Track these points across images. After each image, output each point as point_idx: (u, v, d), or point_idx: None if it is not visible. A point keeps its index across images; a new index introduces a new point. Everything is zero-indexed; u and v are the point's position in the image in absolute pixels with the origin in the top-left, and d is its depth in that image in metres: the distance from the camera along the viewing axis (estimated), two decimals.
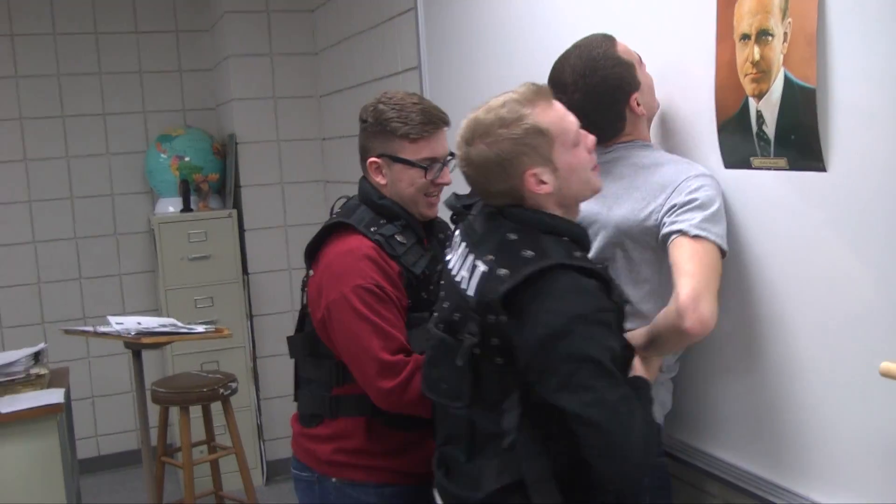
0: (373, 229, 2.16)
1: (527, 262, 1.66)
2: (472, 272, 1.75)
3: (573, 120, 1.79)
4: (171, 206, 5.10)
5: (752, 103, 1.85)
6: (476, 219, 1.86)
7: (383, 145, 2.19)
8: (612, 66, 2.01)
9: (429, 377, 1.91)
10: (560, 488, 1.68)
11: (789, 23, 1.74)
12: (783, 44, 1.76)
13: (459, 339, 1.76)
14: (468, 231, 1.86)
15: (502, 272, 1.67)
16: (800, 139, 1.75)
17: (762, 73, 1.82)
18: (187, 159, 5.05)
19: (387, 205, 2.20)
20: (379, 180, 2.21)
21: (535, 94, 1.76)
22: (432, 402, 1.95)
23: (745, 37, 1.85)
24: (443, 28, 3.34)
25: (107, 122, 5.29)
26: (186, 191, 4.97)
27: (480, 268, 1.73)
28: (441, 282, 1.94)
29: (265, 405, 5.13)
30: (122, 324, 3.34)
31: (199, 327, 3.57)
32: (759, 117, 1.84)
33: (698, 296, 1.76)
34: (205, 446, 4.27)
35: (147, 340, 3.27)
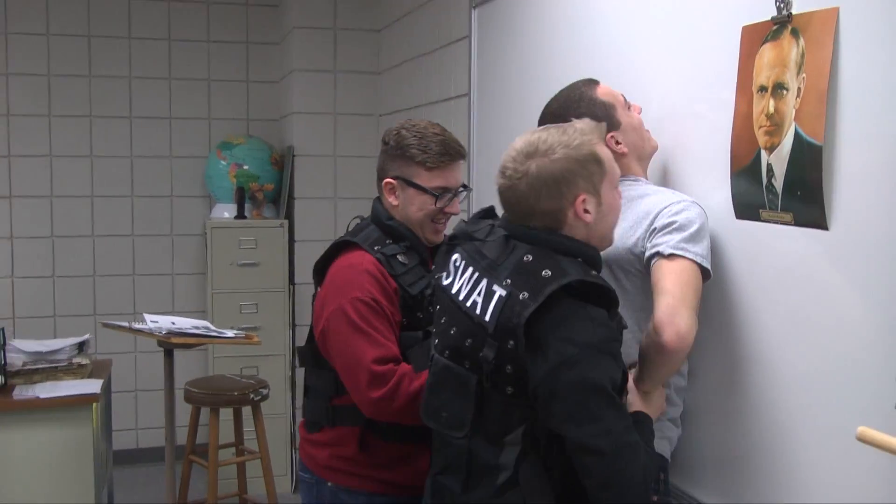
0: (377, 248, 2.25)
1: (547, 282, 1.67)
2: (487, 297, 1.75)
3: (617, 165, 1.85)
4: (226, 211, 5.23)
5: (764, 156, 1.85)
6: (486, 244, 1.85)
7: (400, 168, 2.28)
8: (587, 105, 2.09)
9: (430, 404, 1.90)
10: None
11: (803, 78, 1.74)
12: (796, 99, 1.76)
13: (467, 367, 1.78)
14: (474, 256, 1.85)
15: (523, 296, 1.68)
16: (805, 195, 1.74)
17: (775, 126, 1.82)
18: (245, 167, 5.17)
19: (394, 226, 2.29)
20: (392, 201, 2.30)
21: (594, 129, 1.84)
22: (432, 430, 1.96)
23: (763, 89, 1.86)
24: (494, 57, 3.39)
25: (172, 125, 5.45)
26: (241, 198, 5.10)
27: (499, 292, 1.73)
28: (437, 306, 1.95)
29: (300, 414, 5.18)
30: (156, 322, 3.44)
31: (230, 332, 3.65)
32: (770, 170, 1.83)
33: (674, 311, 1.80)
34: (233, 448, 4.34)
35: (176, 340, 3.36)
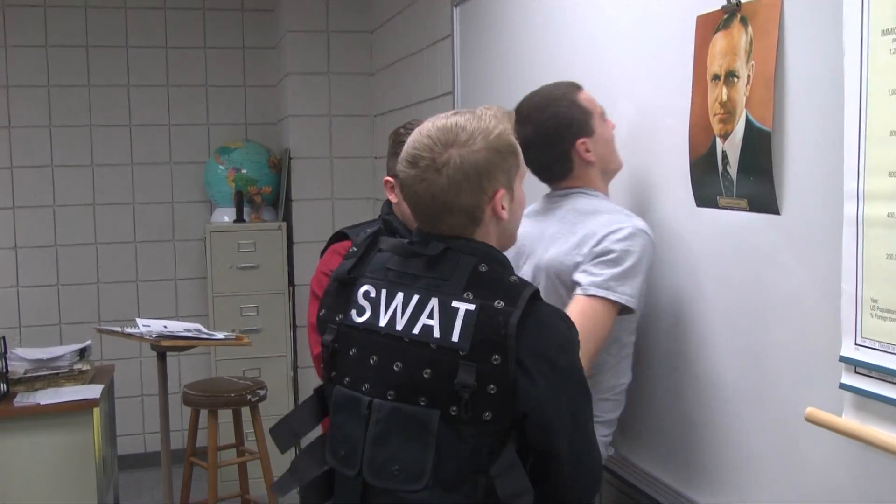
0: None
1: (519, 288, 1.56)
2: (446, 316, 1.55)
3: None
4: (226, 216, 5.27)
5: (719, 143, 1.86)
6: (408, 263, 1.65)
7: (396, 166, 2.30)
8: (566, 106, 2.08)
9: (374, 460, 1.59)
10: None
11: (752, 65, 1.75)
12: (746, 86, 1.77)
13: (423, 404, 1.55)
14: (399, 280, 1.64)
15: (499, 304, 1.53)
16: (758, 181, 1.76)
17: (728, 113, 1.83)
18: (244, 171, 5.22)
19: (389, 220, 2.38)
20: (392, 198, 2.39)
21: (506, 116, 1.73)
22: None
23: (716, 77, 1.87)
24: (475, 55, 3.41)
25: (171, 132, 5.51)
26: (240, 202, 5.14)
27: (463, 307, 1.54)
28: (350, 351, 1.68)
29: None
30: (147, 326, 3.48)
31: (220, 334, 3.69)
32: (725, 157, 1.85)
33: None
34: (234, 450, 4.39)
35: (166, 343, 3.40)
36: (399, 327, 1.60)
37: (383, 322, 1.63)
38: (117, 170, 5.44)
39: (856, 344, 1.48)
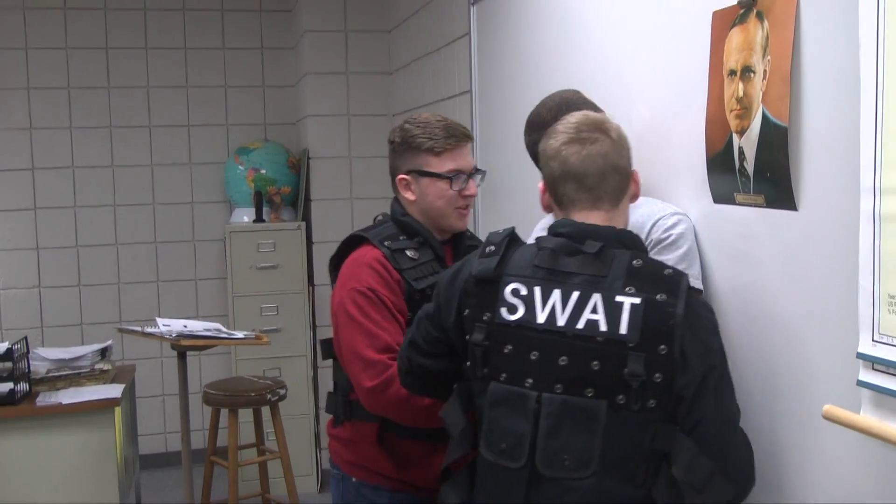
0: (386, 243, 2.25)
1: (676, 279, 1.65)
2: (612, 310, 1.63)
3: None
4: (245, 216, 5.30)
5: (736, 139, 1.85)
6: (559, 260, 1.71)
7: (410, 161, 2.28)
8: (583, 103, 2.10)
9: (548, 451, 1.66)
10: None
11: (769, 60, 1.74)
12: (763, 81, 1.76)
13: (590, 395, 1.64)
14: (553, 277, 1.70)
15: (661, 297, 1.62)
16: (774, 177, 1.75)
17: (745, 109, 1.82)
18: (263, 172, 5.24)
19: (408, 221, 2.29)
20: (408, 196, 2.30)
21: None
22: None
23: (732, 73, 1.86)
24: (493, 53, 3.41)
25: (191, 133, 5.54)
26: (259, 202, 5.16)
27: (629, 301, 1.62)
28: (506, 347, 1.73)
29: (324, 414, 5.24)
30: (168, 325, 3.50)
31: (240, 333, 3.71)
32: (741, 154, 1.84)
33: None
34: (255, 449, 4.41)
35: (186, 342, 3.42)
36: (561, 323, 1.67)
37: (541, 319, 1.69)
38: (137, 171, 5.48)
39: (873, 340, 1.46)
